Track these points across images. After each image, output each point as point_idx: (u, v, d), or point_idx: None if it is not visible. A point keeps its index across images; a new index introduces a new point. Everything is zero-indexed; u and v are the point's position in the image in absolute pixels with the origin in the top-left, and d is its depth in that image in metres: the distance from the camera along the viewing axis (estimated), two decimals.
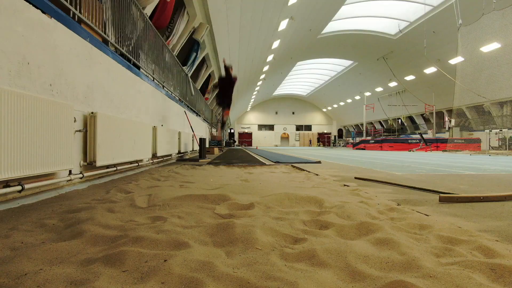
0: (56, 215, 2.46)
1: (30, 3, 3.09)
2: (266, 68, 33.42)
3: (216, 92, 8.53)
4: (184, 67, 12.06)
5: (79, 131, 3.92)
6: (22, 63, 2.98)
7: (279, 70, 41.26)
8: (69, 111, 3.49)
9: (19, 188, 2.75)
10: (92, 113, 4.16)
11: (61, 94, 3.60)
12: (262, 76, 38.22)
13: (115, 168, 4.86)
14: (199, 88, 17.59)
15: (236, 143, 63.23)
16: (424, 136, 34.48)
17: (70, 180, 3.59)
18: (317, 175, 5.62)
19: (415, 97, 36.42)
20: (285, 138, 71.41)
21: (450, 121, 33.38)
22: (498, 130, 27.42)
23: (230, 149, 27.32)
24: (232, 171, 7.40)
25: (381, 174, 5.94)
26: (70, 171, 3.60)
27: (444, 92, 31.66)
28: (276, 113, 71.13)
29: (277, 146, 67.32)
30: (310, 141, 70.17)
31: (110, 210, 2.57)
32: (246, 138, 69.78)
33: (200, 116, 17.08)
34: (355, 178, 5.14)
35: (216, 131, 25.37)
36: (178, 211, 2.48)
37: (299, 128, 71.71)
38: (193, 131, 12.43)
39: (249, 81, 36.30)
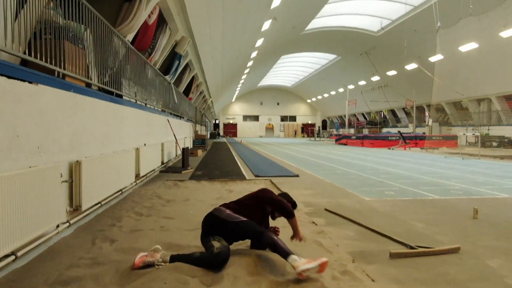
0: (47, 286, 2.79)
1: (18, 79, 3.32)
2: (250, 63, 33.59)
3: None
4: (166, 76, 12.22)
5: (65, 181, 4.19)
6: (13, 137, 3.23)
7: (263, 64, 41.43)
8: (56, 171, 3.76)
9: (13, 257, 3.04)
10: (77, 161, 4.42)
11: (48, 152, 3.85)
12: (247, 70, 38.38)
13: (99, 204, 5.15)
14: (182, 90, 17.73)
15: (221, 134, 63.44)
16: (405, 130, 35.38)
17: (58, 232, 3.88)
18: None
19: (397, 92, 37.21)
20: (269, 128, 71.85)
21: (429, 119, 34.31)
22: (474, 127, 28.50)
23: (214, 145, 27.62)
24: (213, 188, 7.92)
25: (350, 201, 6.39)
26: (58, 225, 3.88)
27: (424, 87, 32.45)
28: (261, 103, 71.38)
29: (261, 136, 67.76)
30: (295, 132, 70.84)
31: (97, 281, 2.90)
32: (231, 129, 69.95)
33: (183, 117, 17.26)
34: (325, 210, 5.57)
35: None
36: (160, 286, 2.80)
37: (283, 118, 72.21)
38: (176, 139, 12.68)
39: (234, 75, 36.39)
